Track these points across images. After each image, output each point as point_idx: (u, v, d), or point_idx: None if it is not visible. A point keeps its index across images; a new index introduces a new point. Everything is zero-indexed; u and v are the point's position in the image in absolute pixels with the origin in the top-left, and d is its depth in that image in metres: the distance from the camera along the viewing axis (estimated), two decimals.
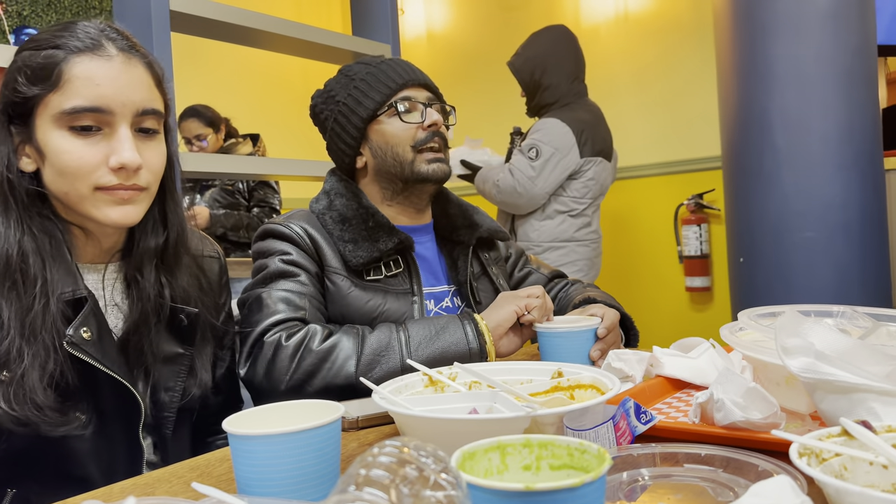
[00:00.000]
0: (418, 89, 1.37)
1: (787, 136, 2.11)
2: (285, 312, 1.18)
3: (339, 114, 1.38)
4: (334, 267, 1.28)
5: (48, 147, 0.89)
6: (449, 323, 1.19)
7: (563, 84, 2.75)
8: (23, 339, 0.85)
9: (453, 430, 0.72)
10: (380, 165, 1.36)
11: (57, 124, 0.89)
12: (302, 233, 1.28)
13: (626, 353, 1.03)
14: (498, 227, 1.48)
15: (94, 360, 0.90)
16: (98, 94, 0.89)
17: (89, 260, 0.98)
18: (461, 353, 1.15)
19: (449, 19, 4.57)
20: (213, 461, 0.82)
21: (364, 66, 1.39)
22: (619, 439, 0.73)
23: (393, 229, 1.31)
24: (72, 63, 0.88)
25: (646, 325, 3.66)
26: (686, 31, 3.59)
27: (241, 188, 3.31)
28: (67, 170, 0.89)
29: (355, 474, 0.43)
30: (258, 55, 2.88)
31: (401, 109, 1.34)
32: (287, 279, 1.24)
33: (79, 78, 0.88)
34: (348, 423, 0.92)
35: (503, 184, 2.67)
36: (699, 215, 3.49)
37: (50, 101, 0.88)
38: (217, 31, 2.12)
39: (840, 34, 2.08)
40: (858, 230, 2.08)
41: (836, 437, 0.58)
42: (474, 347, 1.16)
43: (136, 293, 0.98)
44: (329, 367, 1.12)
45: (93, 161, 0.89)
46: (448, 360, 1.11)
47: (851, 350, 0.70)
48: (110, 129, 0.90)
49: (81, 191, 0.90)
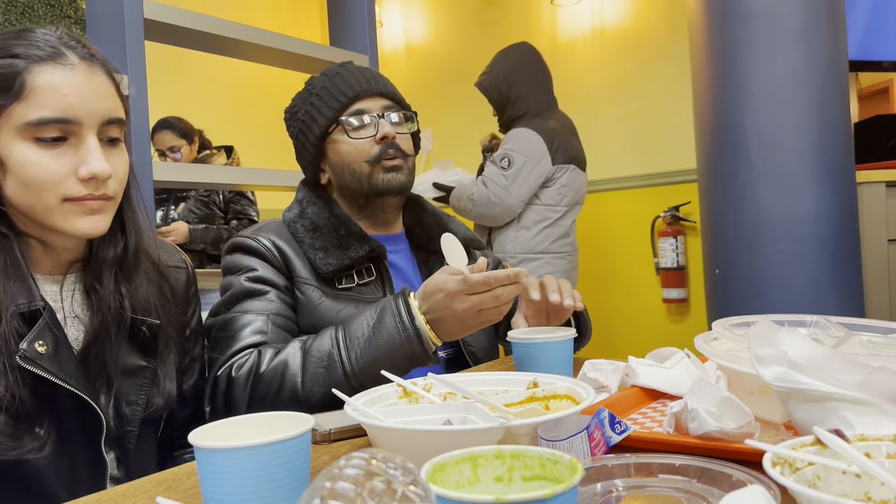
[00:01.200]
0: (373, 99, 1.33)
1: (762, 150, 2.13)
2: (244, 340, 1.16)
3: (299, 131, 1.37)
4: (304, 277, 1.25)
5: (11, 159, 0.86)
6: (384, 315, 1.11)
7: (531, 95, 2.79)
8: None
9: (427, 441, 0.71)
10: (340, 182, 1.35)
11: (21, 135, 0.86)
12: (270, 245, 1.26)
13: (602, 363, 1.03)
14: (473, 236, 1.46)
15: (50, 374, 0.87)
16: (65, 104, 0.86)
17: (47, 271, 0.95)
18: (399, 346, 1.08)
19: (427, 32, 4.58)
20: (179, 475, 0.80)
21: (322, 77, 1.36)
22: (593, 450, 0.72)
23: (364, 237, 1.29)
24: (34, 73, 0.86)
25: (623, 337, 3.70)
26: (662, 46, 3.63)
27: (217, 200, 3.28)
28: (34, 182, 0.86)
29: (320, 487, 0.42)
30: (233, 65, 2.86)
31: (349, 126, 1.30)
32: (253, 298, 1.21)
33: (43, 88, 0.86)
34: (320, 436, 0.90)
35: (477, 196, 2.68)
36: (675, 227, 3.51)
37: (13, 112, 0.85)
38: (192, 41, 2.10)
39: (812, 50, 2.11)
40: (831, 242, 2.11)
41: (810, 447, 0.57)
42: (412, 335, 1.08)
43: (95, 303, 0.95)
44: (277, 390, 1.09)
45: (61, 172, 0.87)
46: (390, 356, 1.08)
47: (824, 359, 0.70)
48: (77, 140, 0.88)
49: (49, 203, 0.87)
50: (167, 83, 1.10)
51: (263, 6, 4.51)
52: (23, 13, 3.17)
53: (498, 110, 2.88)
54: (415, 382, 0.93)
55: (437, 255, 1.40)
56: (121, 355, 0.98)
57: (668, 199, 3.57)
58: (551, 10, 4.01)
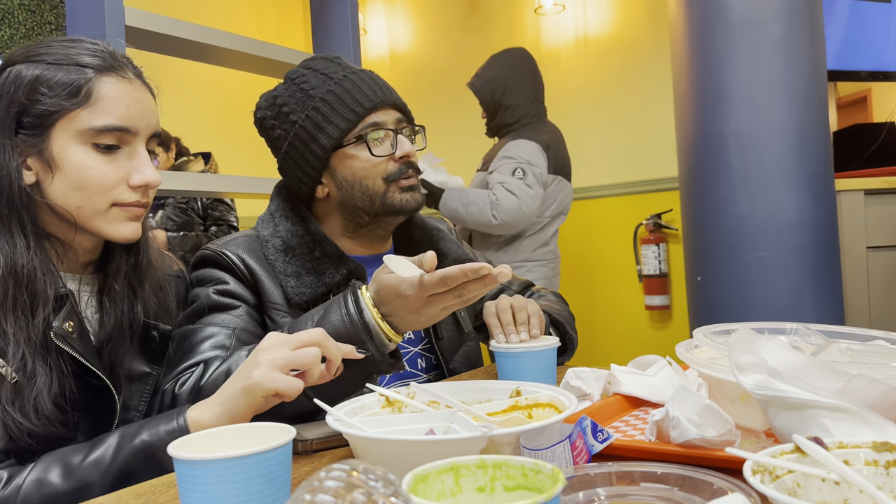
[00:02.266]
0: (387, 111, 1.23)
1: (743, 158, 2.15)
2: (204, 354, 1.07)
3: (295, 137, 1.22)
4: (275, 303, 1.16)
5: (66, 161, 0.90)
6: (330, 306, 1.01)
7: (523, 104, 2.78)
8: (34, 354, 0.86)
9: (409, 452, 0.70)
10: (345, 198, 1.24)
11: (80, 139, 0.91)
12: (238, 262, 1.17)
13: (584, 371, 1.03)
14: (464, 255, 1.38)
15: (78, 353, 0.90)
16: (127, 114, 0.93)
17: (64, 270, 0.97)
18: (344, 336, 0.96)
19: (411, 41, 4.59)
20: (159, 487, 0.79)
21: (323, 79, 1.23)
22: (575, 458, 0.72)
23: (342, 258, 1.20)
24: (102, 82, 0.92)
25: (606, 344, 3.72)
26: (644, 55, 3.66)
27: (196, 207, 3.26)
28: (89, 185, 0.91)
29: (300, 499, 0.42)
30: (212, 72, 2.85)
31: (371, 140, 1.20)
32: (221, 312, 1.13)
33: (110, 98, 0.92)
34: (302, 446, 0.89)
35: (507, 204, 2.60)
36: (658, 235, 3.53)
37: (77, 116, 0.90)
38: (174, 48, 2.09)
39: (792, 60, 2.13)
40: (812, 250, 2.13)
41: (790, 454, 0.58)
42: (358, 326, 0.97)
43: (110, 307, 0.98)
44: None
45: (114, 178, 0.92)
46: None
47: (803, 367, 0.71)
48: (130, 149, 0.94)
49: (98, 206, 0.92)
50: None
51: (246, 13, 4.50)
52: (2, 19, 3.14)
53: (488, 114, 2.87)
54: (398, 391, 0.92)
55: None
56: (131, 360, 1.01)
57: (650, 207, 3.60)
58: (535, 18, 4.04)
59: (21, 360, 0.85)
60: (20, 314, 0.87)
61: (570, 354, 1.39)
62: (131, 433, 0.85)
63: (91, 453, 0.83)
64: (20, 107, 0.90)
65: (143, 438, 0.84)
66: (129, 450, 0.84)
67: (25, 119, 0.90)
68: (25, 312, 0.87)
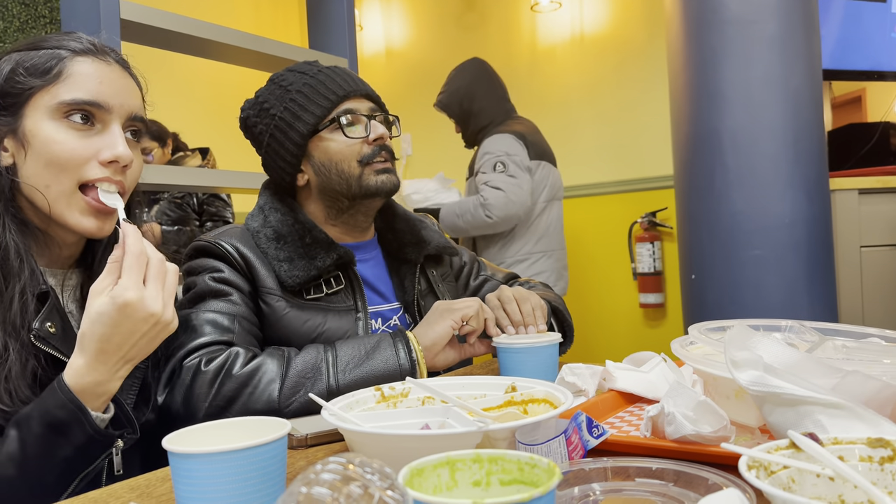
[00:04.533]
0: (360, 100, 1.30)
1: (737, 157, 2.15)
2: (210, 335, 1.11)
3: (275, 129, 1.29)
4: (269, 288, 1.21)
5: (37, 137, 0.90)
6: (380, 342, 1.14)
7: (491, 106, 2.88)
8: (6, 335, 0.85)
9: (404, 446, 0.70)
10: (324, 183, 1.29)
11: (51, 115, 0.90)
12: (233, 251, 1.21)
13: (580, 367, 1.03)
14: (446, 243, 1.43)
15: (61, 354, 0.88)
16: (99, 90, 0.92)
17: (45, 265, 0.96)
18: (391, 373, 1.11)
19: (407, 37, 4.58)
20: (153, 481, 0.79)
21: (300, 75, 1.30)
22: (571, 453, 0.72)
23: (332, 244, 1.25)
24: (75, 61, 0.92)
25: (600, 341, 3.72)
26: (640, 52, 3.67)
27: (192, 202, 3.25)
28: (56, 160, 0.89)
29: (297, 492, 0.41)
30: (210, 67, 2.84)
31: (344, 123, 1.27)
32: (217, 299, 1.17)
33: (82, 74, 0.92)
34: (297, 441, 0.89)
35: (494, 200, 2.65)
36: (652, 233, 3.54)
37: (49, 91, 0.90)
38: (170, 42, 2.08)
39: (787, 59, 2.14)
40: (806, 248, 2.13)
41: (785, 450, 0.58)
42: (406, 367, 1.11)
43: None
44: (250, 392, 1.05)
45: (84, 154, 0.91)
46: (378, 381, 1.07)
47: (799, 363, 0.71)
48: (103, 126, 0.93)
49: (64, 185, 0.90)
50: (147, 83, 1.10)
51: (243, 8, 4.48)
52: None
53: (461, 125, 2.95)
54: (392, 387, 0.92)
55: (408, 265, 1.38)
56: None
57: (645, 205, 3.60)
58: (531, 15, 4.03)
59: None
60: None
61: (571, 341, 1.40)
62: (24, 417, 0.82)
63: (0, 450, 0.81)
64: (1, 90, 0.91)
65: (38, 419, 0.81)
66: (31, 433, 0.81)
67: (3, 100, 0.91)
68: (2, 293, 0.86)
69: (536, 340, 1.14)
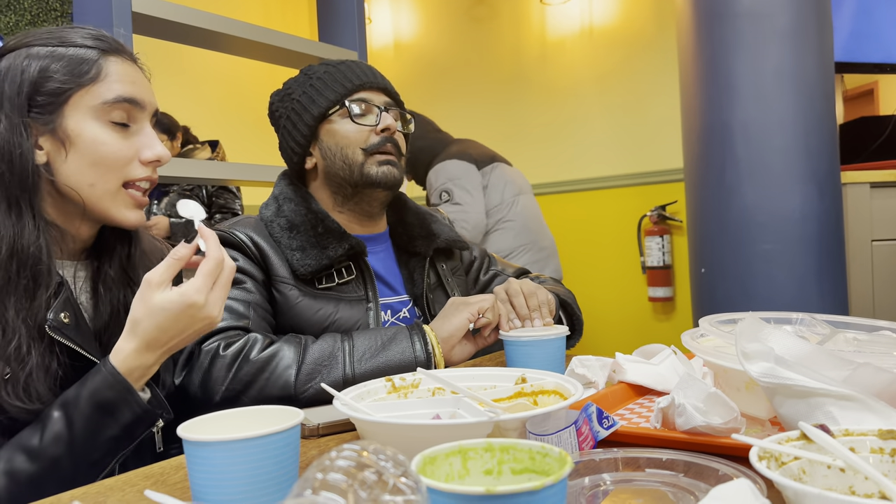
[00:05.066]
0: (376, 93, 1.33)
1: (748, 150, 2.14)
2: (227, 321, 1.13)
3: (291, 111, 1.33)
4: (282, 276, 1.23)
5: (81, 137, 0.92)
6: (397, 334, 1.15)
7: (428, 142, 2.92)
8: (30, 337, 0.87)
9: (416, 436, 0.71)
10: (329, 167, 1.32)
11: (93, 115, 0.93)
12: (247, 240, 1.24)
13: (590, 359, 1.03)
14: (456, 237, 1.44)
15: (75, 344, 0.90)
16: (134, 89, 0.96)
17: (57, 258, 0.97)
18: (407, 364, 1.12)
19: (416, 29, 4.58)
20: (167, 469, 0.80)
21: (325, 65, 1.35)
22: (581, 444, 0.72)
23: (343, 234, 1.27)
24: (108, 61, 0.95)
25: (609, 335, 3.72)
26: (650, 45, 3.65)
27: (201, 194, 3.27)
28: (105, 161, 0.93)
29: (312, 478, 0.42)
30: (222, 60, 2.85)
31: (353, 110, 1.29)
32: (232, 287, 1.18)
33: (117, 73, 0.95)
34: (309, 430, 0.90)
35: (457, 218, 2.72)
36: (662, 226, 3.53)
37: (89, 91, 0.93)
38: (181, 35, 2.09)
39: (799, 51, 2.12)
40: (817, 242, 2.12)
41: (795, 441, 0.58)
42: (421, 359, 1.13)
43: (105, 294, 0.99)
44: (267, 377, 1.07)
45: (127, 154, 0.95)
46: (393, 371, 1.07)
47: (810, 355, 0.71)
48: (137, 127, 0.97)
49: (111, 183, 0.94)
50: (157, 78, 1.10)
51: (252, 2, 4.49)
52: (8, 5, 3.14)
53: (410, 171, 3.01)
54: (403, 378, 0.93)
55: (417, 258, 1.38)
56: None
57: (654, 199, 3.59)
58: (541, 8, 4.02)
59: (17, 342, 0.86)
60: (22, 295, 0.87)
61: (580, 334, 1.41)
62: (72, 398, 0.85)
63: (45, 431, 0.84)
64: (31, 87, 0.91)
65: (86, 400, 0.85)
66: (81, 417, 0.84)
67: (38, 98, 0.91)
68: (28, 293, 0.88)
69: (543, 333, 1.14)
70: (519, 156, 4.07)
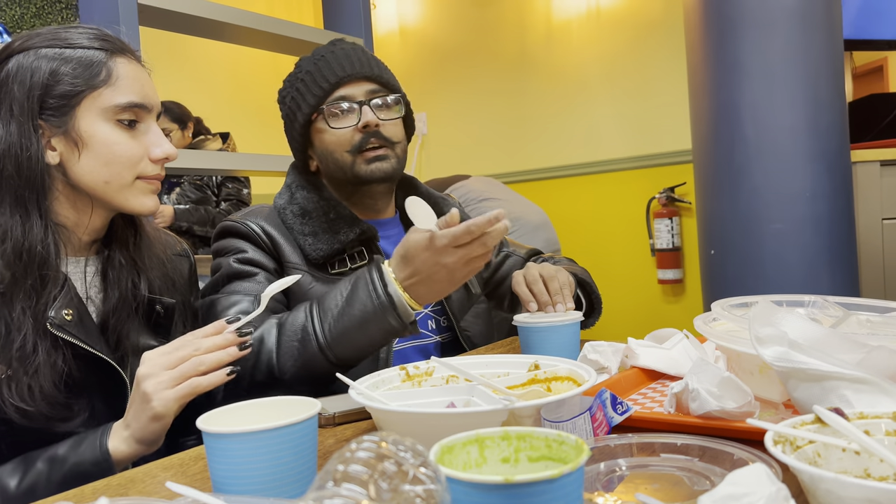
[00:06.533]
0: (357, 84, 1.29)
1: (757, 130, 2.13)
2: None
3: (286, 116, 1.35)
4: (294, 262, 1.24)
5: (95, 138, 0.94)
6: (356, 283, 1.07)
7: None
8: (36, 336, 0.88)
9: (431, 424, 0.71)
10: (326, 170, 1.34)
11: (105, 116, 0.95)
12: (258, 230, 1.25)
13: (602, 344, 1.04)
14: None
15: (78, 340, 0.91)
16: (143, 92, 0.98)
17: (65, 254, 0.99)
18: (372, 314, 1.04)
19: (421, 15, 4.55)
20: (186, 460, 0.81)
21: (309, 59, 1.33)
22: (595, 430, 0.73)
23: (355, 220, 1.28)
24: (117, 63, 0.97)
25: (619, 318, 3.72)
26: (656, 26, 3.62)
27: (211, 184, 3.27)
28: (119, 159, 0.96)
29: (333, 470, 0.43)
30: (232, 51, 2.84)
31: (330, 116, 1.27)
32: (242, 280, 1.20)
33: (127, 76, 0.97)
34: (325, 420, 0.91)
35: None
36: (671, 208, 3.52)
37: (101, 94, 0.95)
38: (186, 26, 2.09)
39: (807, 29, 2.10)
40: (827, 221, 2.11)
41: (810, 425, 0.58)
42: (385, 303, 1.03)
43: (114, 280, 1.01)
44: (253, 365, 1.08)
45: (138, 152, 0.98)
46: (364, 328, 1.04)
47: (823, 339, 0.71)
48: (145, 126, 0.99)
49: (125, 179, 0.97)
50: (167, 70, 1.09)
51: None
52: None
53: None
54: (417, 366, 0.94)
55: None
56: (137, 334, 1.02)
57: (663, 181, 3.58)
58: None
59: (22, 340, 0.87)
60: (28, 294, 0.89)
61: (599, 313, 1.41)
62: (60, 458, 0.86)
63: (25, 478, 0.85)
64: (42, 90, 0.92)
65: (70, 466, 0.86)
66: (59, 476, 0.85)
67: (49, 100, 0.93)
68: (34, 292, 0.89)
69: (558, 319, 1.14)
70: (526, 139, 4.06)
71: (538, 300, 1.21)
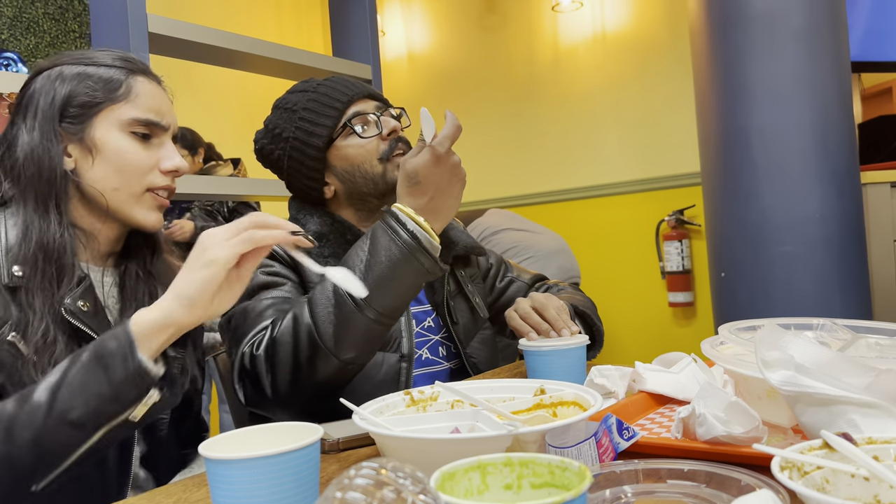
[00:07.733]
0: (365, 101, 1.33)
1: (765, 153, 2.13)
2: (266, 320, 1.16)
3: (292, 150, 1.32)
4: (314, 283, 1.24)
5: (108, 146, 0.99)
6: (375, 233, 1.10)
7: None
8: (56, 329, 0.91)
9: (435, 450, 0.71)
10: (351, 189, 1.32)
11: (119, 127, 1.00)
12: (279, 250, 1.25)
13: (609, 368, 1.03)
14: (473, 243, 1.44)
15: (89, 329, 0.93)
16: (160, 111, 1.03)
17: (84, 261, 1.02)
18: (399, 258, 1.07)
19: (429, 41, 4.60)
20: (189, 486, 0.81)
21: (301, 94, 1.34)
22: (601, 456, 0.72)
23: None
24: (137, 81, 1.02)
25: (630, 341, 3.70)
26: (663, 51, 3.64)
27: (223, 210, 3.30)
28: (129, 167, 1.00)
29: (332, 497, 0.42)
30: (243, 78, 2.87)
31: (356, 127, 1.30)
32: (272, 289, 1.22)
33: (146, 94, 1.02)
34: (329, 445, 0.90)
35: None
36: (680, 231, 3.51)
37: (119, 106, 1.00)
38: (197, 54, 2.12)
39: (814, 52, 2.11)
40: (837, 243, 2.10)
41: (818, 450, 0.57)
42: (409, 243, 1.07)
43: (130, 294, 1.04)
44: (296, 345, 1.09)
45: (149, 163, 1.02)
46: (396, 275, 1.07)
47: (831, 362, 0.70)
48: (159, 141, 1.04)
49: (134, 188, 1.01)
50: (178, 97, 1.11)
51: (266, 17, 4.53)
52: (28, 28, 3.19)
53: None
54: (422, 391, 0.93)
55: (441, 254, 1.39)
56: None
57: (672, 203, 3.57)
58: (552, 15, 4.02)
59: (45, 328, 0.90)
60: (47, 286, 0.92)
61: (600, 346, 1.40)
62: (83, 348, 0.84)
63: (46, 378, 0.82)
64: (65, 100, 0.98)
65: (91, 346, 0.83)
66: (78, 361, 0.81)
67: (70, 109, 0.99)
68: (52, 284, 0.93)
69: (564, 342, 1.13)
70: (534, 163, 4.08)
71: (537, 330, 1.20)
